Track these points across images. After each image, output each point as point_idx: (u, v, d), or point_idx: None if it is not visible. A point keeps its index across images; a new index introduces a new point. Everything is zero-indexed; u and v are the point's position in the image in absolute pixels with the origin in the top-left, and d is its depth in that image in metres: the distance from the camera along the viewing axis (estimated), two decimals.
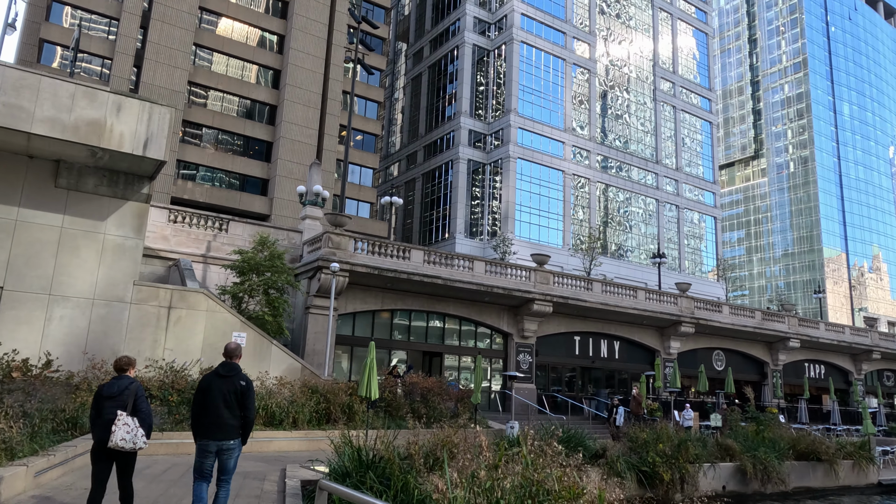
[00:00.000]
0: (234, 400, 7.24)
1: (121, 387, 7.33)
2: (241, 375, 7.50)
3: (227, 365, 7.53)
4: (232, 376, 7.38)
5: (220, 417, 7.14)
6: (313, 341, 23.11)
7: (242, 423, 7.31)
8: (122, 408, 7.15)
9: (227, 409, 7.18)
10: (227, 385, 7.28)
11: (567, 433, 14.56)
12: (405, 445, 9.47)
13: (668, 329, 33.43)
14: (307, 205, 25.72)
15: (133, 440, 7.06)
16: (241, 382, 7.38)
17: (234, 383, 7.32)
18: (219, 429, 7.15)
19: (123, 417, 7.09)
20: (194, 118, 50.51)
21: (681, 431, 19.13)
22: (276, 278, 20.43)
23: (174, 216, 22.66)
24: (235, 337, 17.29)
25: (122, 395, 7.24)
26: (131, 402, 7.23)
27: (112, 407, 7.15)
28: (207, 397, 7.25)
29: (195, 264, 22.31)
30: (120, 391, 7.28)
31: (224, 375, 7.38)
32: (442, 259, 25.74)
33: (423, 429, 17.92)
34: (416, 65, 79.28)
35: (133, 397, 7.27)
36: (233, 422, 7.21)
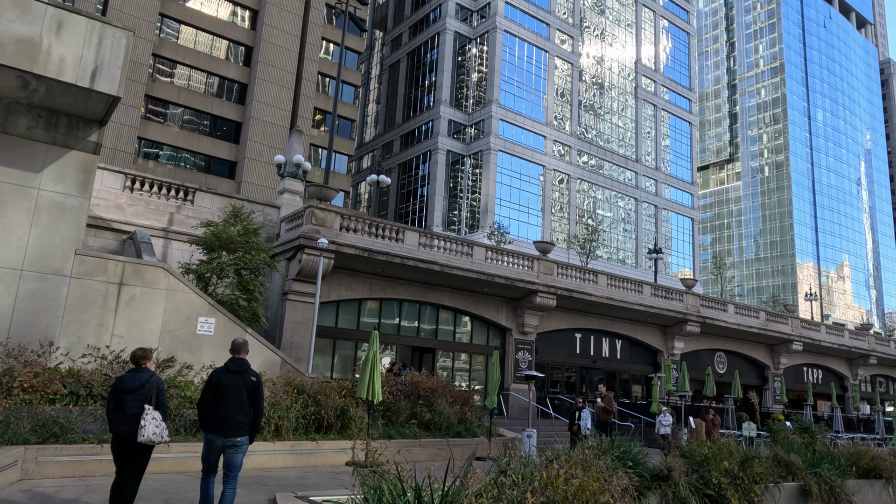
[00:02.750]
0: (246, 396, 7.19)
1: (141, 380, 7.21)
2: (252, 371, 7.41)
3: (236, 360, 7.47)
4: (243, 372, 7.34)
5: (231, 414, 7.09)
6: (291, 332, 19.96)
7: (252, 419, 7.28)
8: (145, 401, 7.06)
9: (238, 405, 7.13)
10: (238, 381, 7.23)
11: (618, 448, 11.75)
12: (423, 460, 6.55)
13: (673, 328, 31.03)
14: (286, 177, 22.52)
15: (161, 434, 7.02)
16: (252, 378, 7.32)
17: (245, 379, 7.27)
18: (228, 426, 7.09)
19: (151, 412, 7.01)
20: (158, 93, 46.69)
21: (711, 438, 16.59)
22: (251, 257, 17.28)
23: (131, 182, 19.28)
24: (202, 322, 14.11)
25: (144, 389, 7.13)
26: (154, 396, 7.15)
27: (135, 401, 7.05)
28: (217, 393, 7.18)
29: (154, 239, 18.99)
30: (141, 384, 7.16)
31: (235, 371, 7.33)
32: (439, 242, 22.80)
33: (429, 438, 15.00)
34: (394, 51, 76.18)
35: (156, 391, 7.19)
36: (243, 419, 7.16)
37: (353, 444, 12.20)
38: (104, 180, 18.81)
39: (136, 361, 7.50)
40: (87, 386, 10.84)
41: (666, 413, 22.57)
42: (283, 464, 11.78)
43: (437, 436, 14.92)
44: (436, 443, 14.38)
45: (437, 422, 15.34)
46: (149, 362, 7.56)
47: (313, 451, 12.22)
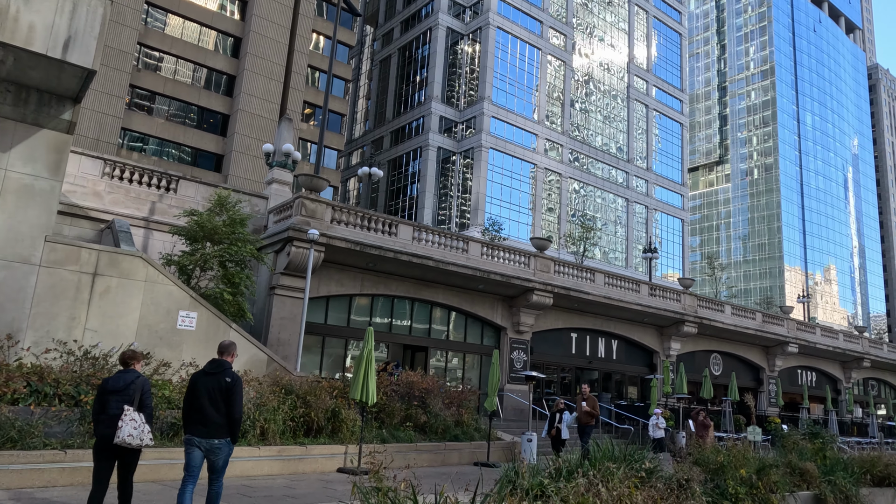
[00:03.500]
0: (220, 397, 7.06)
1: (126, 381, 7.12)
2: (228, 373, 7.26)
3: (214, 362, 7.39)
4: (218, 373, 7.22)
5: (205, 416, 7.00)
6: (278, 329, 19.01)
7: (228, 421, 7.07)
8: (128, 402, 6.94)
9: (213, 407, 7.02)
10: (212, 382, 7.13)
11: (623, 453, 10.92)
12: None
13: (670, 328, 30.34)
14: (274, 166, 21.54)
15: (140, 436, 6.86)
16: (227, 379, 7.16)
17: (219, 380, 7.14)
18: (204, 427, 6.99)
19: (130, 413, 6.88)
20: (143, 83, 45.45)
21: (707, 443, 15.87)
22: (237, 248, 16.31)
23: (111, 168, 18.23)
24: (182, 316, 13.15)
25: (129, 390, 7.03)
26: (138, 397, 7.04)
27: (118, 402, 6.93)
28: (193, 395, 7.16)
29: (135, 229, 17.97)
30: (126, 385, 7.06)
31: (210, 373, 7.26)
32: (433, 237, 21.91)
33: (426, 442, 14.11)
34: (385, 46, 75.20)
35: (140, 392, 7.08)
36: (218, 420, 7.02)
37: (345, 449, 11.31)
38: (81, 166, 17.77)
39: (124, 362, 7.39)
40: (53, 384, 9.84)
41: (659, 416, 21.70)
42: (270, 471, 10.84)
43: (434, 439, 14.06)
44: (433, 447, 13.52)
45: (433, 424, 14.46)
46: (137, 364, 7.47)
47: (302, 456, 11.29)
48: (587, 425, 16.86)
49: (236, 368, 13.48)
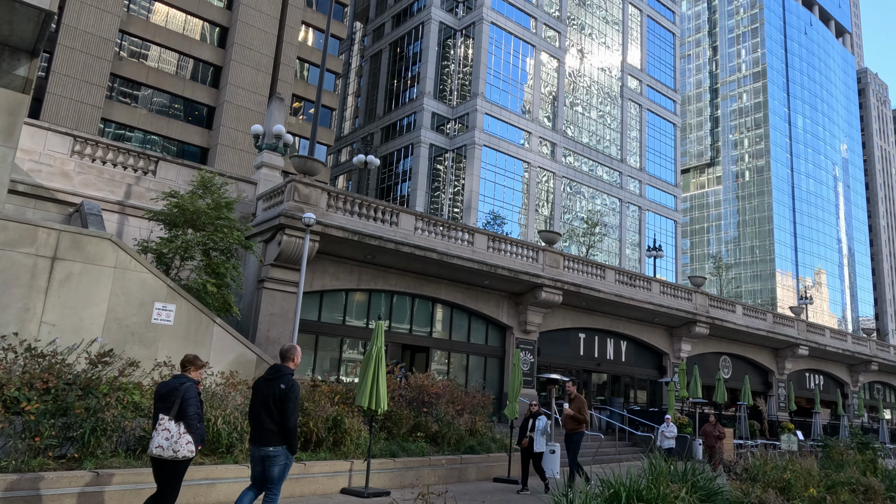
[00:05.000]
0: (274, 405, 6.80)
1: (170, 386, 6.75)
2: (284, 378, 6.90)
3: (273, 367, 7.13)
4: (275, 379, 6.93)
5: (260, 423, 6.84)
6: (268, 326, 17.18)
7: (280, 429, 6.76)
8: (167, 411, 6.59)
9: (268, 414, 6.79)
10: (268, 388, 6.88)
11: (683, 472, 9.21)
12: None
13: (680, 329, 28.80)
14: (264, 149, 19.73)
15: (173, 448, 6.43)
16: (282, 385, 6.82)
17: (274, 387, 6.85)
18: (260, 435, 6.83)
19: (164, 422, 6.56)
20: (125, 73, 43.38)
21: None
22: (223, 235, 14.50)
23: (81, 146, 16.34)
24: (158, 309, 11.32)
25: (171, 396, 6.65)
26: (177, 405, 6.58)
27: (160, 409, 6.66)
28: (252, 402, 7.03)
29: (108, 213, 16.11)
30: (168, 391, 6.70)
31: (269, 379, 7.00)
32: (437, 228, 20.19)
33: (439, 455, 12.34)
34: (376, 41, 73.46)
35: (180, 399, 6.61)
36: (272, 428, 6.78)
37: (349, 466, 9.54)
38: (48, 143, 15.88)
39: (182, 366, 7.02)
40: None
41: (670, 423, 19.91)
42: None
43: (447, 451, 12.31)
44: (447, 461, 11.78)
45: (445, 434, 12.70)
46: (195, 369, 6.99)
47: (299, 475, 9.48)
48: (574, 433, 13.66)
49: (223, 370, 11.73)
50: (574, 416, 13.57)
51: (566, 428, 13.73)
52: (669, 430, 19.58)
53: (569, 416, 13.61)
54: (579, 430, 13.69)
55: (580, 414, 13.60)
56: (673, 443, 19.44)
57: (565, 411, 13.63)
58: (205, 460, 8.64)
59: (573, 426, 13.62)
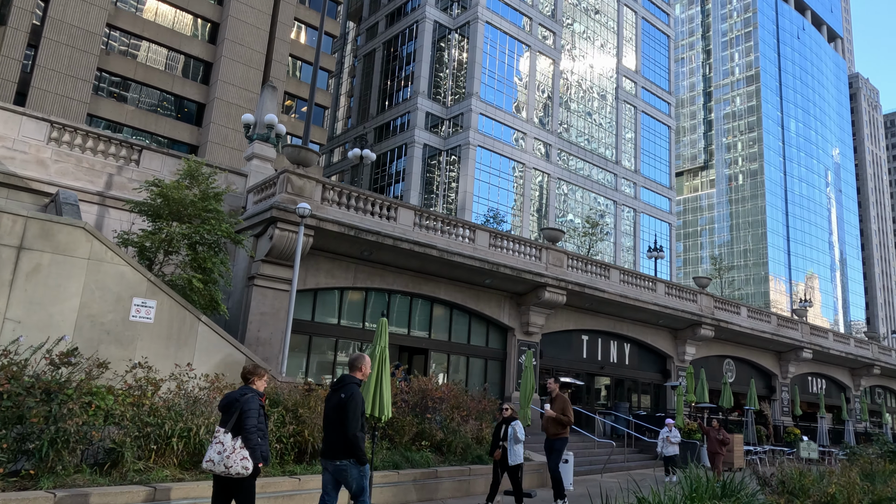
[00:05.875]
0: (335, 415, 6.51)
1: (231, 398, 6.40)
2: (347, 388, 6.61)
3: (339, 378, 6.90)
4: (338, 389, 6.69)
5: (327, 435, 6.62)
6: (258, 325, 16.13)
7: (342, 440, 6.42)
8: (224, 423, 6.28)
9: (331, 426, 6.54)
10: (333, 399, 6.64)
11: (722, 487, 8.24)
12: None
13: (685, 331, 27.92)
14: (255, 140, 18.71)
15: (224, 463, 6.00)
16: (342, 395, 6.53)
17: (337, 396, 6.58)
18: (328, 448, 6.59)
19: (219, 435, 6.21)
20: (113, 68, 42.21)
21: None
22: (211, 227, 13.47)
23: (59, 133, 15.27)
24: (137, 305, 10.27)
25: (231, 408, 6.31)
26: (234, 418, 6.22)
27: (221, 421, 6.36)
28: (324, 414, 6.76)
29: (87, 205, 15.04)
30: (228, 403, 6.37)
31: (334, 389, 6.78)
32: (437, 224, 19.22)
33: (446, 466, 11.32)
34: (370, 40, 72.53)
35: (238, 412, 6.22)
36: (337, 440, 6.47)
37: None
38: (22, 128, 14.79)
39: (243, 377, 6.65)
40: None
41: (673, 428, 18.76)
42: None
43: (453, 461, 11.30)
44: (455, 472, 10.76)
45: (451, 443, 11.69)
46: (258, 379, 6.59)
47: (293, 491, 8.43)
48: (556, 439, 11.74)
49: (207, 372, 10.71)
50: (557, 418, 11.80)
51: (547, 432, 11.94)
52: (673, 435, 18.44)
53: (550, 418, 11.86)
54: (562, 434, 11.83)
55: (564, 416, 11.80)
56: (676, 449, 18.32)
57: (546, 413, 11.85)
58: (185, 476, 7.59)
59: (555, 430, 11.81)
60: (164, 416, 7.75)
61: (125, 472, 7.16)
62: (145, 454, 7.48)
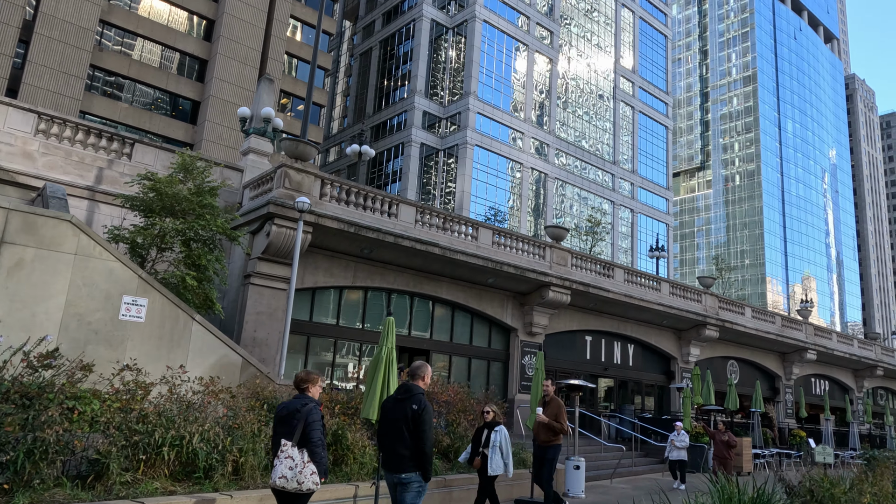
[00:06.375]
0: (405, 428, 6.22)
1: (291, 408, 6.05)
2: (416, 398, 6.34)
3: (403, 386, 6.56)
4: (405, 399, 6.36)
5: (392, 447, 6.31)
6: (254, 326, 15.54)
7: (413, 454, 6.20)
8: (288, 435, 5.90)
9: (399, 438, 6.26)
10: (399, 410, 6.31)
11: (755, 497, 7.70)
12: None
13: (689, 332, 27.42)
14: (251, 134, 18.12)
15: (297, 479, 5.76)
16: (413, 406, 6.27)
17: (405, 408, 6.28)
18: (392, 461, 6.31)
19: (287, 448, 5.87)
20: (106, 64, 41.56)
21: None
22: (206, 223, 12.88)
23: (47, 125, 14.65)
24: (127, 303, 9.68)
25: (293, 419, 5.97)
26: (300, 430, 5.90)
27: (280, 434, 5.98)
28: (382, 425, 6.56)
29: (76, 199, 14.43)
30: (289, 413, 6.01)
31: (398, 399, 6.47)
32: (440, 221, 18.65)
33: (453, 474, 10.74)
34: (366, 39, 71.96)
35: (303, 423, 5.92)
36: (404, 452, 6.24)
37: (354, 491, 7.94)
38: (8, 120, 14.17)
39: (297, 385, 6.38)
40: None
41: (681, 431, 18.17)
42: None
43: (461, 468, 10.73)
44: (464, 480, 10.18)
45: (458, 448, 11.11)
46: (314, 387, 6.32)
47: None
48: (548, 446, 10.51)
49: (202, 374, 10.13)
50: (549, 424, 10.49)
51: (538, 439, 10.70)
52: (680, 439, 17.92)
53: (542, 424, 10.59)
54: (554, 442, 10.59)
55: (557, 422, 10.49)
56: (684, 454, 17.74)
57: (538, 418, 10.70)
58: (177, 488, 6.98)
59: (547, 437, 10.54)
60: (154, 422, 7.16)
61: (110, 485, 6.56)
62: (133, 465, 6.89)
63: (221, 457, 7.52)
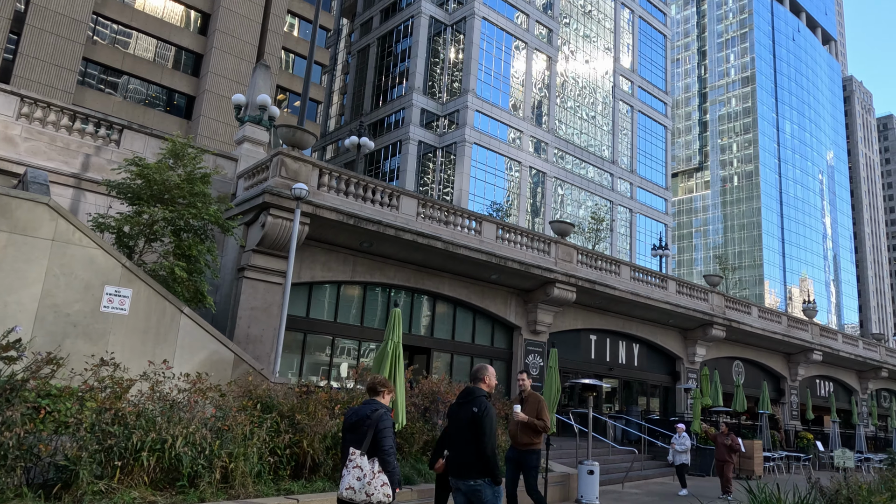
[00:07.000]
0: (468, 431, 5.97)
1: (361, 414, 5.68)
2: (477, 401, 6.09)
3: (466, 390, 6.33)
4: (467, 403, 6.13)
5: (458, 453, 6.12)
6: (248, 321, 14.77)
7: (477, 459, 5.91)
8: (357, 443, 5.53)
9: (463, 442, 6.03)
10: (462, 414, 6.11)
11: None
12: None
13: (695, 331, 26.74)
14: (246, 122, 17.36)
15: (366, 490, 5.36)
16: (474, 409, 6.01)
17: (467, 411, 6.06)
18: (456, 466, 6.12)
19: (356, 458, 5.49)
20: (99, 58, 40.75)
21: None
22: (197, 211, 12.14)
23: (30, 108, 13.88)
24: (110, 294, 8.92)
25: (362, 427, 5.59)
26: (369, 438, 5.52)
27: (349, 442, 5.63)
28: (448, 428, 6.47)
29: (60, 187, 13.66)
30: (358, 420, 5.66)
31: (460, 403, 6.23)
32: (442, 214, 17.92)
33: None
34: (364, 36, 71.25)
35: (373, 430, 5.54)
36: (469, 458, 6.00)
37: None
38: None
39: (371, 389, 5.98)
40: None
41: (682, 433, 17.40)
42: None
43: None
44: None
45: None
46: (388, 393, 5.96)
47: None
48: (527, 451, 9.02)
49: (189, 371, 9.38)
50: (530, 422, 8.91)
51: (515, 442, 9.13)
52: (680, 442, 16.99)
53: (521, 423, 8.96)
54: (536, 446, 9.01)
55: (539, 419, 8.96)
56: (686, 457, 16.86)
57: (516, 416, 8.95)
58: (158, 497, 6.22)
59: (527, 439, 8.98)
60: (132, 424, 6.41)
61: (80, 495, 5.78)
62: (108, 472, 6.14)
63: (208, 462, 6.76)
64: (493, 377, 6.35)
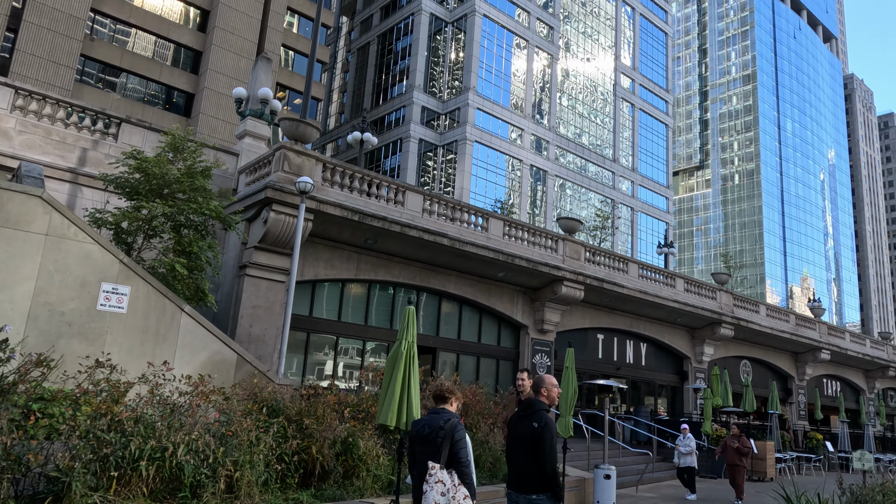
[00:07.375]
0: (528, 446, 5.73)
1: (433, 425, 5.45)
2: (538, 415, 5.79)
3: (526, 402, 6.00)
4: (528, 416, 5.85)
5: (517, 466, 5.88)
6: (250, 320, 14.33)
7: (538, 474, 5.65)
8: (434, 456, 5.28)
9: (523, 456, 5.79)
10: (522, 427, 5.86)
11: None
12: None
13: (703, 330, 26.33)
14: (248, 116, 16.93)
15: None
16: (534, 424, 5.74)
17: (527, 425, 5.79)
18: (518, 480, 5.85)
19: (436, 472, 5.22)
20: (97, 55, 40.31)
21: None
22: (198, 206, 11.70)
23: (25, 101, 13.44)
24: (107, 291, 8.48)
25: (436, 438, 5.36)
26: (446, 450, 5.30)
27: (423, 454, 5.39)
28: (509, 441, 6.15)
29: (56, 182, 13.22)
30: (432, 431, 5.42)
31: (521, 416, 5.95)
32: (448, 210, 17.49)
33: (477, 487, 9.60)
34: (364, 34, 70.81)
35: (448, 441, 5.31)
36: (529, 471, 5.75)
37: None
38: None
39: (437, 397, 5.71)
40: None
41: (687, 434, 16.78)
42: None
43: (483, 480, 9.59)
44: (490, 493, 9.00)
45: (480, 457, 9.95)
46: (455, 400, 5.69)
47: None
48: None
49: (190, 372, 8.95)
50: None
51: None
52: (685, 443, 16.28)
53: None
54: None
55: None
56: (690, 459, 16.28)
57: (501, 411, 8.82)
58: None
59: None
60: (130, 430, 5.97)
61: None
62: (103, 483, 5.71)
63: (212, 471, 6.32)
64: (553, 388, 6.00)
